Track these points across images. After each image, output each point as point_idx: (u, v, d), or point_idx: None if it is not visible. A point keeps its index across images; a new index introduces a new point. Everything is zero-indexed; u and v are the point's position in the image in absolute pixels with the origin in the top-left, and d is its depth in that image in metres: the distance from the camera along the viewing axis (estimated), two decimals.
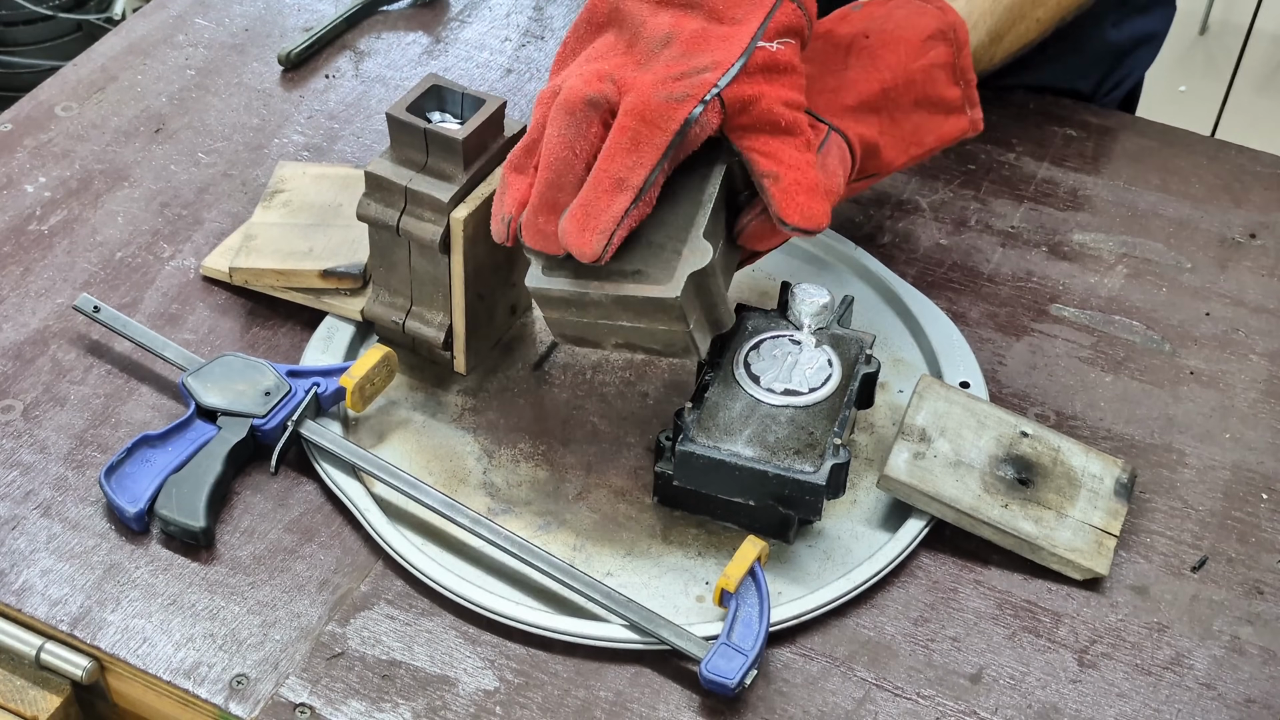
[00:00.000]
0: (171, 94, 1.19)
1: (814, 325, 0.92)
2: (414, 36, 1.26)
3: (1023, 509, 0.88)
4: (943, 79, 0.92)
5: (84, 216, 1.08)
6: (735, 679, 0.79)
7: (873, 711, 0.81)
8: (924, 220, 1.11)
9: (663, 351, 0.85)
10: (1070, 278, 1.07)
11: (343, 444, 0.90)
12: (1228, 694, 0.83)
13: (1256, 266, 1.09)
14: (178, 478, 0.88)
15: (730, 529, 0.89)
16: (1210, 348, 1.02)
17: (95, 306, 0.97)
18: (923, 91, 0.92)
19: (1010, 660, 0.84)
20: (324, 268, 0.98)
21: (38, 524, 0.88)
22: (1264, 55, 2.88)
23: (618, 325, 0.84)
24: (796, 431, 0.86)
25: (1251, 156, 1.18)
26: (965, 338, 1.00)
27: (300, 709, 0.79)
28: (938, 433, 0.90)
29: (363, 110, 1.18)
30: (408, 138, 0.90)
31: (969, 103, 0.94)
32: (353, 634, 0.83)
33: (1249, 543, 0.90)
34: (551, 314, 0.85)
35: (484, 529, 0.86)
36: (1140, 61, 1.30)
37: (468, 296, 0.92)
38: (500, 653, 0.83)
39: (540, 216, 0.82)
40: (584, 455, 0.93)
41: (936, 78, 0.92)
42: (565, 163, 0.81)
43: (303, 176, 1.06)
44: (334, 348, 0.97)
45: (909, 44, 0.91)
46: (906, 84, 0.91)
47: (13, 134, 1.14)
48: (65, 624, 0.83)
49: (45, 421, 0.94)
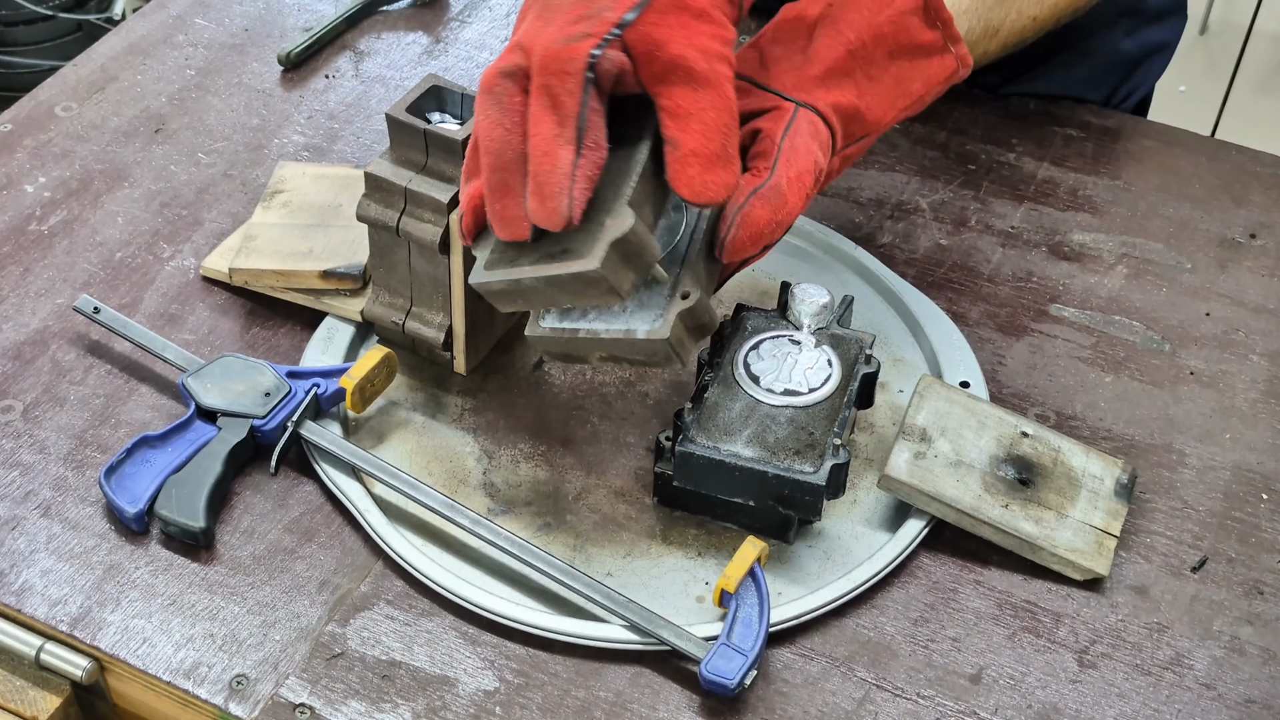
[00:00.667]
0: (171, 94, 1.19)
1: (814, 325, 0.92)
2: (414, 36, 1.26)
3: (1023, 509, 0.88)
4: (915, 24, 0.89)
5: (84, 217, 1.08)
6: (735, 679, 0.79)
7: (873, 712, 0.81)
8: (924, 220, 1.11)
9: (646, 361, 0.84)
10: (1070, 278, 1.07)
11: (343, 444, 0.90)
12: (1228, 694, 0.83)
13: (1256, 266, 1.09)
14: (178, 478, 0.88)
15: (730, 529, 0.89)
16: (1210, 348, 1.02)
17: (95, 307, 0.97)
18: (895, 41, 0.89)
19: (1010, 660, 0.84)
20: (324, 268, 0.98)
21: (37, 524, 0.88)
22: (1264, 55, 2.88)
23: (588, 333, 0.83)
24: (796, 432, 0.86)
25: (1251, 156, 1.18)
26: (965, 338, 1.00)
27: (300, 709, 0.79)
28: (938, 433, 0.90)
29: (363, 110, 1.18)
30: (408, 138, 0.90)
31: (950, 40, 0.91)
32: (353, 634, 0.83)
33: (1249, 543, 0.90)
34: (503, 303, 0.84)
35: (484, 530, 0.86)
36: (1152, 71, 1.29)
37: (468, 297, 0.92)
38: (500, 653, 0.83)
39: (499, 203, 0.80)
40: (584, 455, 0.93)
41: (907, 24, 0.89)
42: (501, 141, 0.79)
43: (302, 177, 1.06)
44: (334, 348, 0.97)
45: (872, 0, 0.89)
46: (875, 39, 0.88)
47: (13, 134, 1.14)
48: (65, 624, 0.83)
49: (45, 422, 0.94)
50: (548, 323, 0.84)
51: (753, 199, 0.82)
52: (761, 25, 0.92)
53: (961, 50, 0.91)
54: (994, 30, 0.99)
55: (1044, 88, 1.22)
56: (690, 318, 0.81)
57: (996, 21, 0.99)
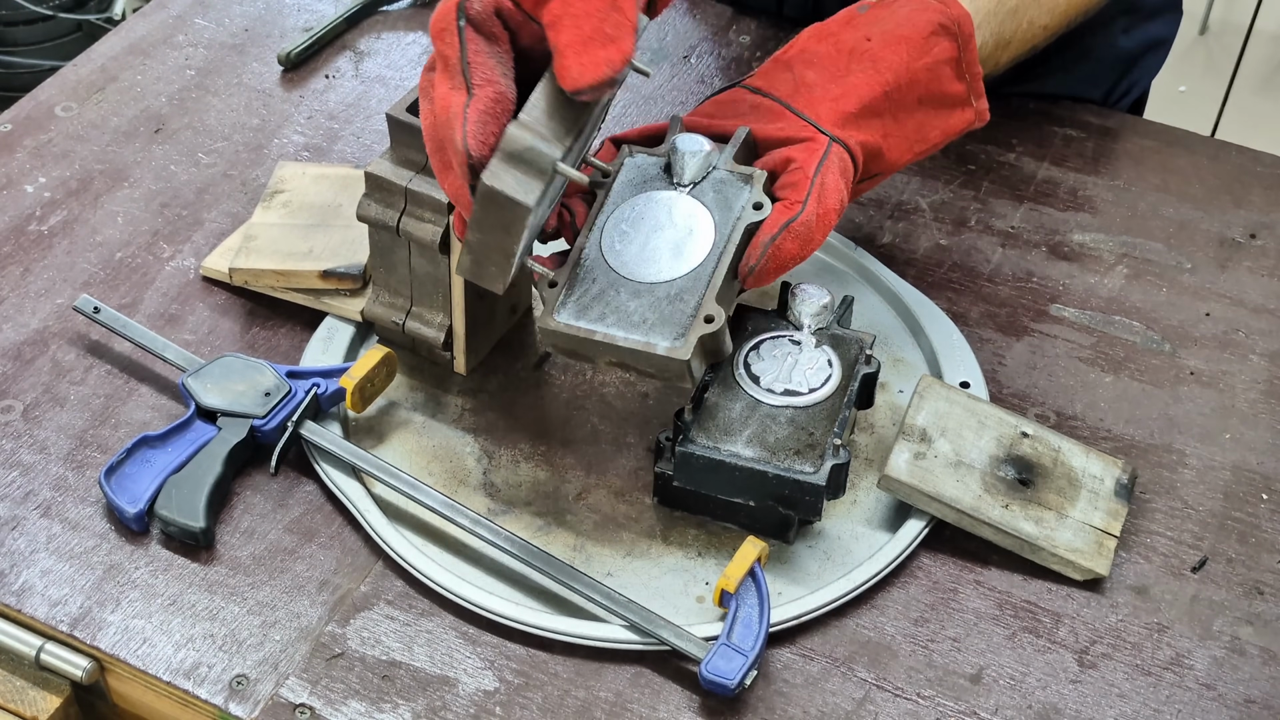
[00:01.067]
0: (171, 94, 1.19)
1: (814, 325, 0.92)
2: (414, 36, 1.26)
3: (1023, 509, 0.88)
4: (948, 74, 0.92)
5: (84, 217, 1.08)
6: (735, 679, 0.79)
7: (873, 712, 0.81)
8: (924, 220, 1.11)
9: (655, 374, 0.84)
10: (1070, 278, 1.07)
11: (343, 444, 0.90)
12: (1228, 694, 0.83)
13: (1256, 266, 1.09)
14: (178, 478, 0.88)
15: (730, 529, 0.89)
16: (1210, 348, 1.02)
17: (95, 307, 0.97)
18: (926, 89, 0.92)
19: (1010, 660, 0.84)
20: (324, 268, 0.98)
21: (38, 524, 0.88)
22: (1264, 55, 2.88)
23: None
24: (796, 432, 0.86)
25: (1251, 156, 1.18)
26: (965, 338, 1.00)
27: (300, 709, 0.79)
28: (938, 433, 0.90)
29: (363, 110, 1.18)
30: (408, 138, 0.90)
31: (974, 94, 0.94)
32: (353, 634, 0.83)
33: (1249, 543, 0.90)
34: (561, 351, 0.86)
35: (484, 529, 0.86)
36: (1148, 68, 1.29)
37: (468, 296, 0.92)
38: (500, 653, 0.83)
39: (444, 183, 0.81)
40: (584, 455, 0.93)
41: (941, 74, 0.92)
42: (429, 125, 0.81)
43: (302, 177, 1.06)
44: (334, 348, 0.97)
45: (911, 42, 0.91)
46: (910, 84, 0.91)
47: (13, 134, 1.14)
48: (65, 624, 0.83)
49: (45, 422, 0.94)
50: (563, 317, 0.84)
51: (785, 233, 0.84)
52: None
53: (982, 105, 0.94)
54: (1005, 42, 1.00)
55: (1043, 88, 1.22)
56: (710, 340, 0.83)
57: (1008, 34, 1.00)
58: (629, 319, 0.83)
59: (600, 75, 0.77)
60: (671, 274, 0.84)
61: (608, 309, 0.84)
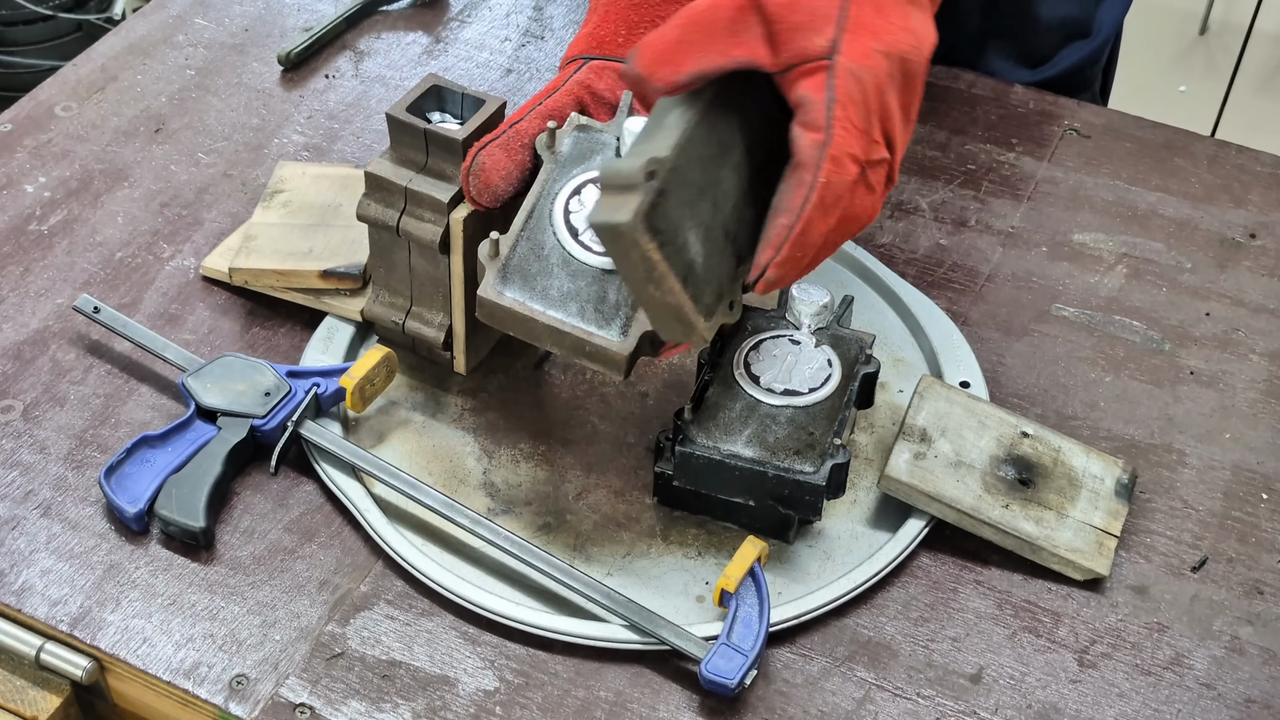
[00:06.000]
0: (171, 94, 1.19)
1: (814, 325, 0.92)
2: (414, 36, 1.26)
3: (1023, 509, 0.88)
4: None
5: (84, 216, 1.08)
6: (735, 679, 0.79)
7: (873, 711, 0.81)
8: (924, 220, 1.11)
9: (590, 362, 0.83)
10: (1070, 278, 1.07)
11: (343, 444, 0.90)
12: (1228, 694, 0.83)
13: (1256, 266, 1.09)
14: (178, 478, 0.88)
15: (730, 529, 0.89)
16: (1210, 348, 1.02)
17: (95, 307, 0.97)
18: None
19: (1010, 660, 0.84)
20: (324, 268, 0.98)
21: (37, 524, 0.88)
22: (1264, 55, 2.88)
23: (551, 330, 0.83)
24: (796, 432, 0.86)
25: (1251, 156, 1.18)
26: (965, 338, 1.00)
27: (300, 709, 0.79)
28: (938, 433, 0.90)
29: (363, 110, 1.18)
30: (408, 138, 0.90)
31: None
32: (353, 634, 0.83)
33: (1249, 543, 0.90)
34: (496, 324, 0.85)
35: (484, 529, 0.86)
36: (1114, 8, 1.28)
37: (468, 296, 0.92)
38: (500, 653, 0.83)
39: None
40: (584, 455, 0.93)
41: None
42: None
43: (302, 176, 1.06)
44: (334, 348, 0.97)
45: None
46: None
47: (13, 134, 1.14)
48: (65, 624, 0.83)
49: (45, 421, 0.94)
50: (509, 292, 0.83)
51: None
52: None
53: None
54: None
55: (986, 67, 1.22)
56: (653, 335, 0.82)
57: None
58: (572, 301, 0.82)
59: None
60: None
61: (550, 285, 0.83)
